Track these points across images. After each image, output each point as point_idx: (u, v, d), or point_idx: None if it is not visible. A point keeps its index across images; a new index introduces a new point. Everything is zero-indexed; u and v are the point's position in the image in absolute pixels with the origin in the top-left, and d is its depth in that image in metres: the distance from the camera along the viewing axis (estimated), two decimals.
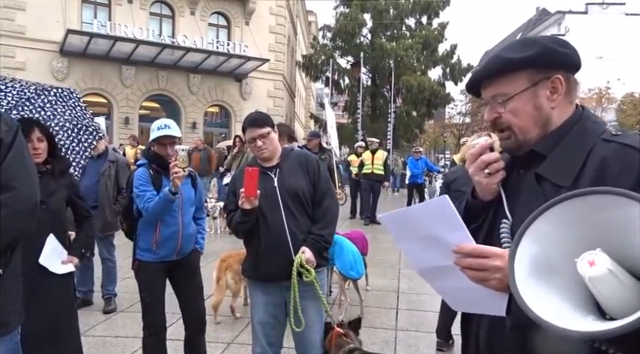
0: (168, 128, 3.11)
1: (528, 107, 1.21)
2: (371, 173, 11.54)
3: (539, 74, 1.21)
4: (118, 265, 5.30)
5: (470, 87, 1.36)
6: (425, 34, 26.36)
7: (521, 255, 0.89)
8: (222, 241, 8.67)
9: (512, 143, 1.25)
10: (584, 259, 0.81)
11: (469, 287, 1.12)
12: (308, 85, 43.60)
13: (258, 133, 2.68)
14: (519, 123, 1.22)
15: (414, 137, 30.67)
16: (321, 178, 2.77)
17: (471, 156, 1.24)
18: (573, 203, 0.86)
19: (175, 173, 2.91)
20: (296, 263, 2.59)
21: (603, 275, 0.78)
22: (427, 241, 1.15)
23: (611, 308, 0.81)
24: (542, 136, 1.22)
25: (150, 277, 3.17)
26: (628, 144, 1.12)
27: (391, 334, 4.52)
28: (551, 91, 1.22)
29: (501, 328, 1.19)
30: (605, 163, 1.10)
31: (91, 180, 5.02)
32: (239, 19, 23.02)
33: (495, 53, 1.29)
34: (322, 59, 26.79)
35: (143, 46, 18.86)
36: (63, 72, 19.00)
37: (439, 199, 1.10)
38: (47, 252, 2.65)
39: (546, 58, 1.20)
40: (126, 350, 4.04)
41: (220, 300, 4.67)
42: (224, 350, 4.10)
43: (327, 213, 2.75)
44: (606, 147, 1.14)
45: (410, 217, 1.18)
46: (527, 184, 1.21)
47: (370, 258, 5.97)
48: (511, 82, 1.22)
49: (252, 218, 2.62)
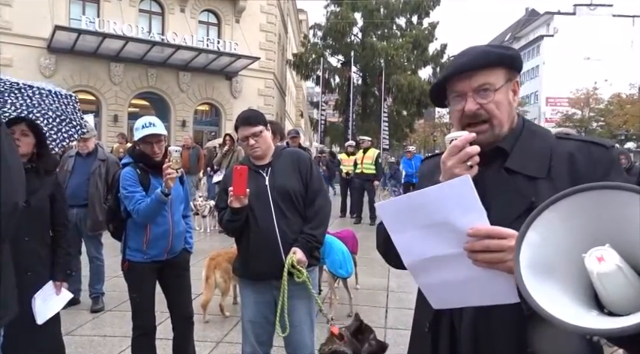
0: (153, 126, 3.05)
1: (506, 101, 1.30)
2: (361, 172, 11.60)
3: (509, 74, 1.31)
4: (106, 264, 5.26)
5: (441, 84, 1.36)
6: (415, 33, 26.41)
7: (526, 247, 0.89)
8: (212, 240, 8.64)
9: (488, 137, 1.29)
10: (592, 255, 0.80)
11: (466, 278, 1.11)
12: (299, 84, 43.53)
13: (251, 132, 2.66)
14: (499, 115, 1.29)
15: (405, 136, 30.75)
16: (314, 176, 2.76)
17: (454, 148, 1.23)
18: (582, 197, 0.86)
19: (168, 174, 2.88)
20: (287, 264, 2.58)
21: (612, 272, 0.78)
22: (432, 228, 1.12)
23: (612, 303, 0.81)
24: (507, 133, 1.31)
25: (140, 277, 3.14)
26: (589, 140, 1.28)
27: (381, 332, 4.53)
28: (513, 92, 1.33)
29: (489, 321, 1.23)
30: (573, 158, 1.23)
31: (81, 178, 4.99)
32: (229, 16, 22.93)
33: (477, 47, 1.35)
34: (313, 58, 26.75)
35: (132, 43, 18.70)
36: (50, 69, 18.80)
37: (460, 179, 1.08)
38: (39, 309, 2.63)
39: (517, 62, 1.33)
40: (114, 350, 4.00)
41: (209, 299, 4.65)
42: (213, 349, 4.08)
43: (319, 212, 2.74)
44: (567, 144, 1.27)
45: (420, 200, 1.14)
46: (493, 178, 1.27)
47: (360, 257, 5.98)
48: (494, 74, 1.29)
49: (242, 217, 2.60)
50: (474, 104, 1.28)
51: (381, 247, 1.46)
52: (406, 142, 31.88)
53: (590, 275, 0.80)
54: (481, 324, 1.26)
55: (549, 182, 1.21)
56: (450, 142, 1.26)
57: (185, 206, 3.39)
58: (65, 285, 2.86)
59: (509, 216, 1.19)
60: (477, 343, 1.27)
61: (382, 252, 1.47)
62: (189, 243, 3.40)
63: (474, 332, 1.27)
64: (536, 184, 1.22)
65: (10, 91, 3.26)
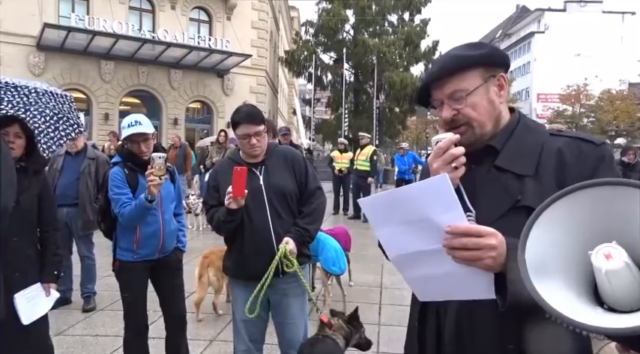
0: (139, 125, 2.99)
1: (484, 102, 1.30)
2: (355, 169, 11.66)
3: (488, 72, 1.31)
4: (98, 264, 5.22)
5: (423, 88, 1.38)
6: (407, 30, 26.45)
7: (530, 246, 0.88)
8: (205, 238, 8.61)
9: (470, 137, 1.30)
10: (599, 252, 0.79)
11: (451, 272, 1.12)
12: (291, 81, 43.46)
13: (255, 131, 2.59)
14: (478, 117, 1.30)
15: (397, 133, 30.81)
16: (309, 175, 2.73)
17: (438, 150, 1.25)
18: (584, 194, 0.85)
19: (151, 181, 2.81)
20: (279, 253, 2.54)
21: (620, 269, 0.77)
22: (412, 224, 1.13)
23: (616, 300, 0.80)
24: (495, 131, 1.32)
25: (131, 277, 3.11)
26: (579, 137, 1.28)
27: (374, 329, 4.54)
28: (498, 88, 1.33)
29: (471, 317, 1.26)
30: (561, 154, 1.23)
31: (70, 178, 4.95)
32: (220, 14, 22.82)
33: (447, 53, 1.36)
34: (305, 55, 26.72)
35: (122, 40, 18.53)
36: (40, 67, 18.61)
37: (438, 178, 1.09)
38: (24, 309, 2.59)
39: (494, 57, 1.33)
40: (106, 349, 3.98)
41: (202, 297, 4.64)
42: (206, 348, 4.07)
43: (316, 210, 2.72)
44: (558, 140, 1.27)
45: (400, 197, 1.15)
46: (483, 177, 1.29)
47: (353, 254, 5.99)
48: (467, 78, 1.29)
49: (238, 218, 2.55)
50: (450, 111, 1.31)
51: None
52: (398, 139, 31.92)
53: (597, 272, 0.79)
54: (464, 319, 1.28)
55: (536, 180, 1.22)
56: (435, 143, 1.28)
57: (177, 205, 3.36)
58: (54, 286, 2.82)
59: (495, 213, 1.21)
60: (460, 338, 1.29)
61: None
62: (182, 242, 3.37)
63: (457, 327, 1.30)
64: (524, 182, 1.23)
65: (6, 90, 3.22)
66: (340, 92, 25.68)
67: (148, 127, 3.04)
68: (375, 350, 4.06)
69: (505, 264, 1.08)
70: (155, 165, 2.82)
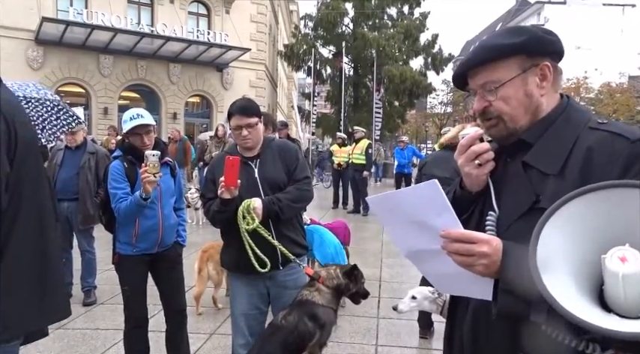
0: (141, 117, 3.01)
1: (519, 94, 1.21)
2: (351, 163, 11.73)
3: (529, 61, 1.20)
4: (98, 258, 5.24)
5: (457, 77, 1.32)
6: (406, 23, 26.32)
7: (541, 248, 0.86)
8: (204, 232, 8.62)
9: (502, 131, 1.24)
10: (614, 255, 0.76)
11: (456, 271, 1.12)
12: (290, 75, 43.31)
13: (246, 122, 2.61)
14: (510, 111, 1.21)
15: (397, 127, 30.75)
16: (299, 167, 2.71)
17: (461, 147, 1.23)
18: (595, 196, 0.83)
19: (145, 178, 2.82)
20: (242, 207, 2.51)
21: (638, 272, 0.74)
22: (414, 224, 1.14)
23: (627, 305, 0.77)
24: (531, 123, 1.22)
25: (131, 270, 3.12)
26: (614, 132, 1.13)
27: (373, 322, 4.56)
28: (540, 78, 1.21)
29: (488, 316, 1.19)
30: (590, 152, 1.10)
31: (70, 172, 4.95)
32: (219, 7, 22.72)
33: (484, 41, 1.27)
34: (304, 49, 26.59)
35: (121, 34, 18.48)
36: (38, 61, 18.55)
37: (428, 184, 1.08)
38: None
39: (536, 45, 1.20)
40: (106, 342, 4.00)
41: (202, 291, 4.66)
42: (206, 341, 4.09)
43: (299, 189, 2.65)
44: (592, 135, 1.14)
45: (397, 200, 1.16)
46: (513, 173, 1.21)
47: (352, 247, 6.00)
48: (502, 68, 1.21)
49: (231, 208, 2.56)
50: (481, 103, 1.24)
51: None
52: (398, 132, 31.89)
53: (611, 276, 0.76)
54: (482, 316, 1.24)
55: (559, 179, 1.12)
56: (462, 138, 1.25)
57: (177, 199, 3.37)
58: None
59: (515, 213, 1.16)
60: (477, 335, 1.26)
61: None
62: (182, 236, 3.38)
63: (475, 324, 1.27)
64: (547, 182, 1.14)
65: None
66: (339, 86, 25.59)
67: (149, 120, 3.07)
68: (374, 343, 4.09)
69: (499, 272, 1.06)
70: (149, 163, 2.82)
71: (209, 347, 3.99)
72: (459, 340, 1.32)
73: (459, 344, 1.32)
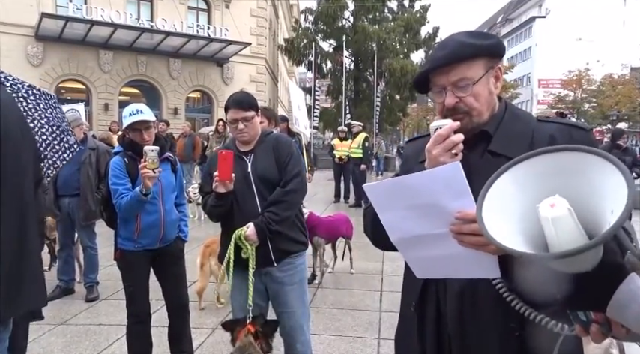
0: (141, 113, 3.01)
1: (485, 92, 1.33)
2: (350, 157, 11.85)
3: (490, 62, 1.33)
4: (100, 253, 5.25)
5: (424, 74, 1.38)
6: (407, 16, 26.25)
7: (487, 204, 0.96)
8: (206, 228, 8.63)
9: (467, 125, 1.32)
10: (544, 203, 0.86)
11: (451, 254, 1.16)
12: (291, 70, 43.24)
13: (242, 116, 2.60)
14: (479, 106, 1.32)
15: (398, 121, 30.73)
16: (291, 161, 2.67)
17: (439, 137, 1.26)
18: (538, 161, 0.94)
19: (144, 174, 2.82)
20: (235, 235, 2.53)
21: (564, 215, 0.83)
22: (418, 209, 1.16)
23: (557, 246, 0.86)
24: (489, 118, 1.35)
25: (133, 266, 3.12)
26: (569, 124, 1.33)
27: (375, 315, 4.57)
28: (495, 78, 1.36)
29: (474, 296, 1.29)
30: (553, 140, 1.26)
31: (71, 169, 4.94)
32: (219, 2, 22.65)
33: (455, 40, 1.34)
34: (304, 43, 26.54)
35: (121, 30, 18.44)
36: (38, 57, 18.53)
37: (452, 166, 1.11)
38: None
39: (498, 49, 1.35)
40: (109, 338, 4.01)
41: (204, 286, 4.67)
42: (209, 336, 4.10)
43: (289, 194, 2.62)
44: (548, 126, 1.33)
45: (409, 184, 1.17)
46: (477, 162, 1.31)
47: (354, 241, 6.01)
48: (474, 67, 1.30)
49: (226, 202, 2.56)
50: (453, 98, 1.31)
51: (368, 230, 1.50)
52: (399, 126, 31.85)
53: (544, 222, 0.85)
54: (467, 298, 1.31)
55: None
56: (434, 130, 1.28)
57: (178, 195, 3.37)
58: None
59: None
60: (462, 320, 1.32)
61: (370, 234, 1.50)
62: (184, 231, 3.38)
63: (460, 310, 1.32)
64: None
65: None
66: (340, 80, 25.55)
67: (148, 115, 3.06)
68: (376, 336, 4.10)
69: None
70: (148, 158, 2.82)
71: (211, 342, 4.00)
72: (433, 333, 1.39)
73: (433, 335, 1.39)
